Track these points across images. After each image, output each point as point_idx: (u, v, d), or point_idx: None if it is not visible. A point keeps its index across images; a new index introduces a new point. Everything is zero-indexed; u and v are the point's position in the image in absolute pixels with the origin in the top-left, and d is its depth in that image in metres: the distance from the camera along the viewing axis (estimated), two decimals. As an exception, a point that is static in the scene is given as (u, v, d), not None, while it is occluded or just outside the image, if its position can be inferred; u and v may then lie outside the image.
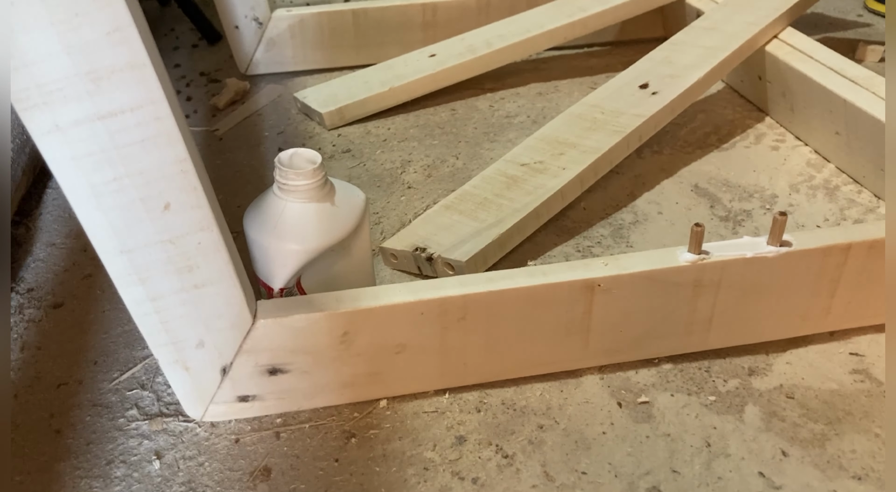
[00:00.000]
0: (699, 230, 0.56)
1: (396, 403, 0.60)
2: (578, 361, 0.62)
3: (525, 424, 0.59)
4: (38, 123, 0.41)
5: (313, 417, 0.60)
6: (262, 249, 0.59)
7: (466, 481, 0.54)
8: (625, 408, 0.60)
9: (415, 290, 0.56)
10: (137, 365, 0.65)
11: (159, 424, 0.59)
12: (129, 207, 0.45)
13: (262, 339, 0.54)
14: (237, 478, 0.55)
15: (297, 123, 1.04)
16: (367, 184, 0.89)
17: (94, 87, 0.40)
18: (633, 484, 0.54)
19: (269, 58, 1.16)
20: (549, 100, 1.06)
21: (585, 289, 0.57)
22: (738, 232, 0.79)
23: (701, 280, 0.58)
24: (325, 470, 0.55)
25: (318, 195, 0.58)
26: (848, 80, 0.85)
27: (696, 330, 0.62)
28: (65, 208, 0.87)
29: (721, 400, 0.60)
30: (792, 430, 0.57)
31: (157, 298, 0.50)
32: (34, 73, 0.39)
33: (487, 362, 0.60)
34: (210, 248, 0.49)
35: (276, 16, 1.12)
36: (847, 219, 0.79)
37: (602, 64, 1.16)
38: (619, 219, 0.81)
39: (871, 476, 0.53)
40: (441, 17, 1.15)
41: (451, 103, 1.07)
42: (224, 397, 0.58)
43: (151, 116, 0.42)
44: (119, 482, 0.55)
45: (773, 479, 0.54)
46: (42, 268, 0.77)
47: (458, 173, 0.90)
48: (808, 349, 0.64)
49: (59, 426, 0.60)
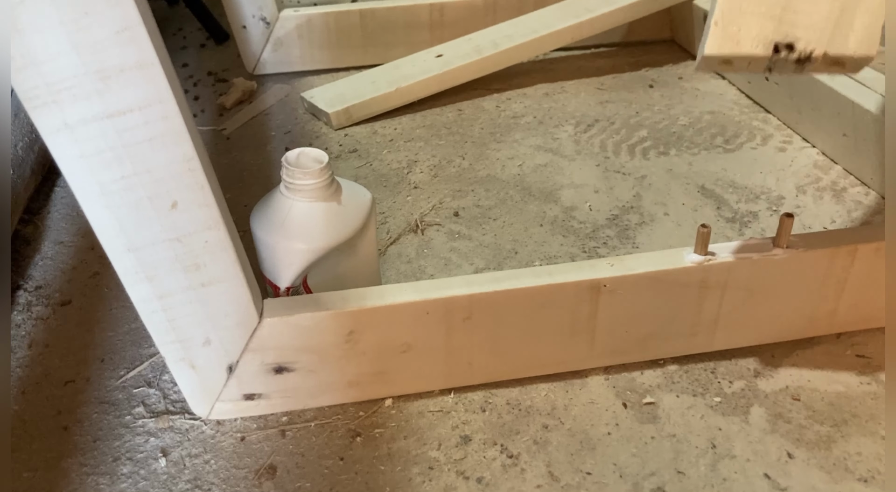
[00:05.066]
0: (705, 231, 0.56)
1: (402, 402, 0.61)
2: (584, 361, 0.62)
3: (530, 424, 0.59)
4: (48, 122, 0.41)
5: (319, 415, 0.60)
6: (269, 248, 0.59)
7: (471, 480, 0.54)
8: (630, 409, 0.59)
9: (420, 289, 0.56)
10: (144, 363, 0.65)
11: (166, 421, 0.60)
12: (136, 206, 0.45)
13: (268, 337, 0.55)
14: (243, 476, 0.55)
15: (304, 122, 1.04)
16: (373, 184, 0.89)
17: (102, 86, 0.41)
18: (638, 485, 0.54)
19: (276, 57, 1.16)
20: (555, 100, 1.06)
21: (591, 289, 0.57)
22: (744, 233, 0.79)
23: (707, 281, 0.58)
24: (330, 468, 0.56)
25: (325, 195, 0.58)
26: (856, 81, 0.85)
27: (702, 331, 0.62)
28: (73, 206, 0.87)
29: (727, 401, 0.60)
30: (798, 432, 0.57)
31: (164, 296, 0.50)
32: (44, 71, 0.39)
33: (493, 362, 0.60)
34: (217, 246, 0.49)
35: (283, 16, 1.12)
36: (854, 221, 0.79)
37: (609, 64, 1.16)
38: (625, 220, 0.81)
39: (876, 479, 0.53)
40: (448, 17, 1.15)
41: (458, 104, 1.07)
42: (230, 395, 0.58)
43: (159, 115, 0.42)
44: (125, 479, 0.55)
45: (778, 481, 0.54)
46: (50, 266, 0.78)
47: (464, 173, 0.90)
48: (814, 351, 0.64)
49: (66, 423, 0.60)
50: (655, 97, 1.05)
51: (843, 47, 0.45)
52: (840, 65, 0.46)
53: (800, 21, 0.45)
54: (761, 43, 0.45)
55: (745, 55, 0.46)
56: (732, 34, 0.45)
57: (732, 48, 0.46)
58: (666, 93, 1.07)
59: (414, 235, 0.80)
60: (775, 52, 0.45)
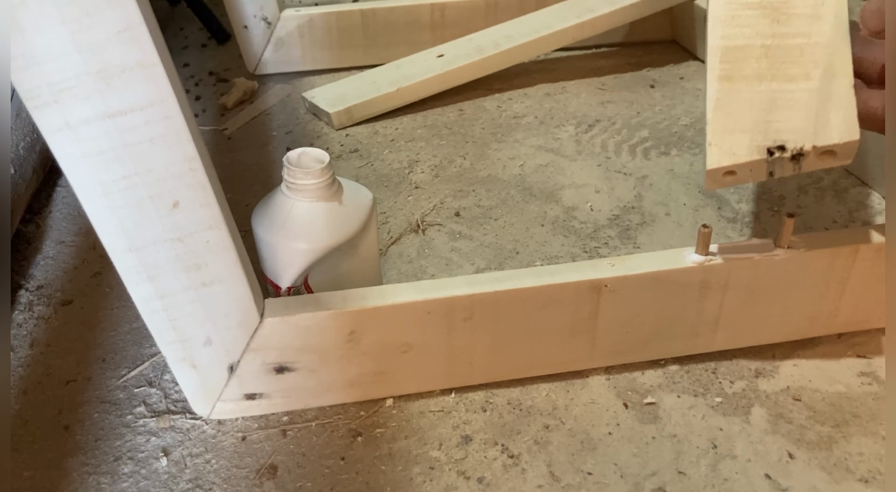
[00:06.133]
0: (706, 231, 0.56)
1: (402, 402, 0.61)
2: (585, 361, 0.62)
3: (531, 424, 0.59)
4: (49, 122, 0.41)
5: (320, 415, 0.60)
6: (270, 248, 0.59)
7: (472, 480, 0.54)
8: (631, 409, 0.59)
9: (421, 289, 0.56)
10: (145, 362, 0.65)
11: (167, 421, 0.60)
12: (138, 205, 0.45)
13: (269, 337, 0.55)
14: (244, 475, 0.55)
15: (306, 122, 1.04)
16: (374, 183, 0.89)
17: (104, 86, 0.41)
18: (639, 485, 0.54)
19: (277, 57, 1.16)
20: (556, 101, 1.06)
21: (592, 289, 0.57)
22: (745, 234, 0.78)
23: (708, 281, 0.58)
24: (331, 468, 0.56)
25: (326, 194, 0.58)
26: (857, 81, 0.85)
27: (703, 331, 0.62)
28: (74, 206, 0.87)
29: (727, 402, 0.60)
30: (799, 432, 0.57)
31: (165, 295, 0.50)
32: (45, 71, 0.39)
33: (493, 362, 0.60)
34: (218, 246, 0.49)
35: (284, 16, 1.13)
36: (856, 221, 0.79)
37: (610, 65, 1.16)
38: (626, 220, 0.81)
39: (877, 479, 0.53)
40: (449, 17, 1.15)
41: (459, 104, 1.07)
42: (231, 395, 0.58)
43: (161, 115, 0.42)
44: (126, 479, 0.55)
45: (779, 481, 0.54)
46: (51, 265, 0.78)
47: (465, 173, 0.90)
48: (815, 351, 0.64)
49: (67, 423, 0.60)
50: (657, 97, 1.05)
51: (828, 139, 0.50)
52: (832, 154, 0.50)
53: (783, 127, 0.51)
54: (755, 150, 0.51)
55: (744, 163, 0.51)
56: (728, 149, 0.51)
57: (731, 160, 0.51)
58: (667, 93, 1.07)
59: (415, 234, 0.80)
60: (770, 155, 0.50)
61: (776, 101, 0.53)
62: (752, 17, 0.57)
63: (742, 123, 0.52)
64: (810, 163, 0.50)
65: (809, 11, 0.56)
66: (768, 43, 0.55)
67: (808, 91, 0.52)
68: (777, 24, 0.56)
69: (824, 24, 0.55)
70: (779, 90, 0.53)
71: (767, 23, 0.56)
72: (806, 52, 0.54)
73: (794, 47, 0.55)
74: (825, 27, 0.55)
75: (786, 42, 0.55)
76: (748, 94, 0.54)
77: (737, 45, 0.56)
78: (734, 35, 0.56)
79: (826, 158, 0.50)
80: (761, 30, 0.56)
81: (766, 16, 0.57)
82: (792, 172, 0.51)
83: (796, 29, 0.55)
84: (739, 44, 0.56)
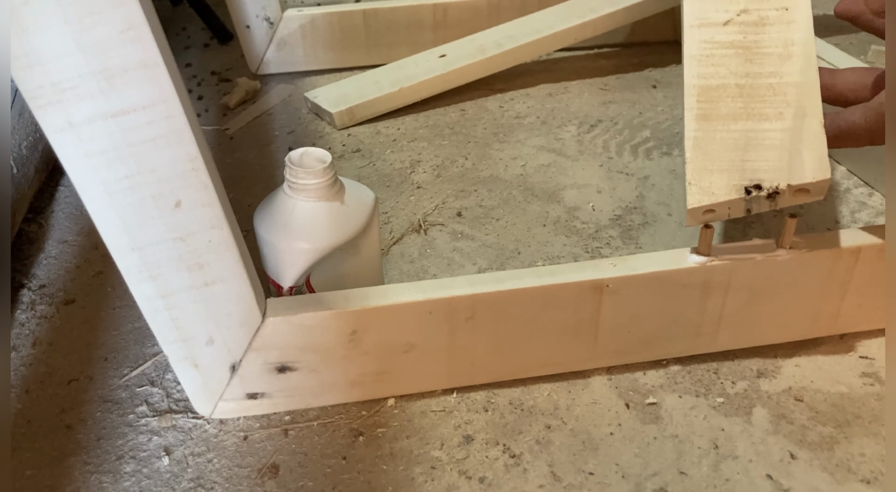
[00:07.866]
0: (708, 232, 0.56)
1: (404, 401, 0.61)
2: (586, 361, 0.62)
3: (532, 424, 0.59)
4: (52, 121, 0.41)
5: (321, 414, 0.60)
6: (272, 248, 0.59)
7: (473, 480, 0.54)
8: (633, 409, 0.59)
9: (423, 289, 0.56)
10: (147, 362, 0.66)
11: (169, 420, 0.60)
12: (140, 205, 0.45)
13: (271, 337, 0.55)
14: (245, 475, 0.55)
15: (308, 122, 1.04)
16: (376, 183, 0.89)
17: (106, 86, 0.41)
18: (641, 485, 0.54)
19: (279, 57, 1.16)
20: (558, 101, 1.06)
21: (594, 290, 0.57)
22: (747, 234, 0.78)
23: (710, 282, 0.58)
24: (332, 468, 0.56)
25: (328, 194, 0.58)
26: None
27: (705, 332, 0.62)
28: (77, 206, 0.87)
29: (729, 402, 0.60)
30: (800, 432, 0.57)
31: (167, 295, 0.50)
32: (48, 71, 0.39)
33: (495, 362, 0.60)
34: (220, 246, 0.49)
35: (287, 15, 1.13)
36: (858, 222, 0.79)
37: (612, 65, 1.16)
38: (628, 220, 0.81)
39: (879, 480, 0.53)
40: (451, 17, 1.15)
41: (461, 104, 1.07)
42: (233, 395, 0.58)
43: (163, 115, 0.43)
44: (128, 478, 0.55)
45: (781, 481, 0.53)
46: (54, 265, 0.78)
47: (467, 173, 0.90)
48: (817, 352, 0.64)
49: (69, 422, 0.60)
50: (659, 98, 1.05)
51: (801, 178, 0.52)
52: (805, 191, 0.52)
53: (758, 167, 0.53)
54: (733, 189, 0.53)
55: (723, 202, 0.53)
56: (707, 188, 0.53)
57: (711, 198, 0.53)
58: (669, 93, 1.06)
59: (417, 234, 0.80)
60: (747, 194, 0.53)
61: (751, 140, 0.55)
62: (726, 56, 0.59)
63: (719, 163, 0.54)
64: (785, 200, 0.53)
65: (780, 51, 0.58)
66: (742, 82, 0.57)
67: (781, 130, 0.54)
68: (750, 64, 0.58)
69: (794, 65, 0.57)
70: (754, 129, 0.55)
71: (740, 62, 0.58)
72: (778, 92, 0.56)
73: (767, 86, 0.57)
74: (795, 68, 0.57)
75: (759, 81, 0.57)
76: (725, 133, 0.55)
77: (712, 84, 0.57)
78: (710, 74, 0.58)
79: (800, 195, 0.52)
80: (735, 69, 0.58)
81: (739, 55, 0.59)
82: (768, 208, 0.53)
83: (768, 68, 0.58)
84: (715, 83, 0.57)
